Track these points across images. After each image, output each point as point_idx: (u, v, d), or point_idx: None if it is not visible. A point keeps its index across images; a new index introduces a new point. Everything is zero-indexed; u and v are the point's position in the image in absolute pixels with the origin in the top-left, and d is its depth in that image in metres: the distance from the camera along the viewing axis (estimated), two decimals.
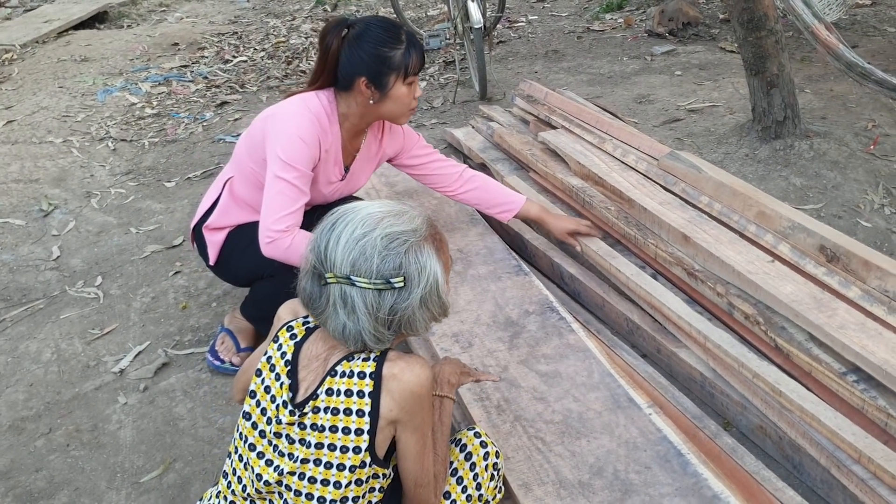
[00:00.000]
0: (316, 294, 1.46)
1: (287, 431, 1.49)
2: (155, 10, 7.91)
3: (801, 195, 3.18)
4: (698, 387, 2.24)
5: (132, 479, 2.21)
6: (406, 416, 1.46)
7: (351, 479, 1.47)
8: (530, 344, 2.27)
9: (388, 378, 1.44)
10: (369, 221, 1.43)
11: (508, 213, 2.67)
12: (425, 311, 1.47)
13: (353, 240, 1.41)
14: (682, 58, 5.10)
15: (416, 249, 1.43)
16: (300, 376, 1.51)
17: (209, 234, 2.48)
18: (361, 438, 1.45)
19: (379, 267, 1.41)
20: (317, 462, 1.47)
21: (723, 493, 1.74)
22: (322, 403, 1.46)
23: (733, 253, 2.35)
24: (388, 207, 1.48)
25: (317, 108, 2.30)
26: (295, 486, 1.49)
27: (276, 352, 1.55)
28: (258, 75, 5.64)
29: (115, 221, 3.67)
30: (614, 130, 3.20)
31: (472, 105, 4.63)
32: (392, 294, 1.42)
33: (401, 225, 1.44)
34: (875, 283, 2.16)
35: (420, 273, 1.43)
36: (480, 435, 1.73)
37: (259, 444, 1.53)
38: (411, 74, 2.27)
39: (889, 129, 3.61)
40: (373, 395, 1.44)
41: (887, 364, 1.88)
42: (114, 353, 2.73)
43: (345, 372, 1.46)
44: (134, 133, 4.74)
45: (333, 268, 1.42)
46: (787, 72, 3.35)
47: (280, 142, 2.24)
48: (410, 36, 2.28)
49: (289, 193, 2.23)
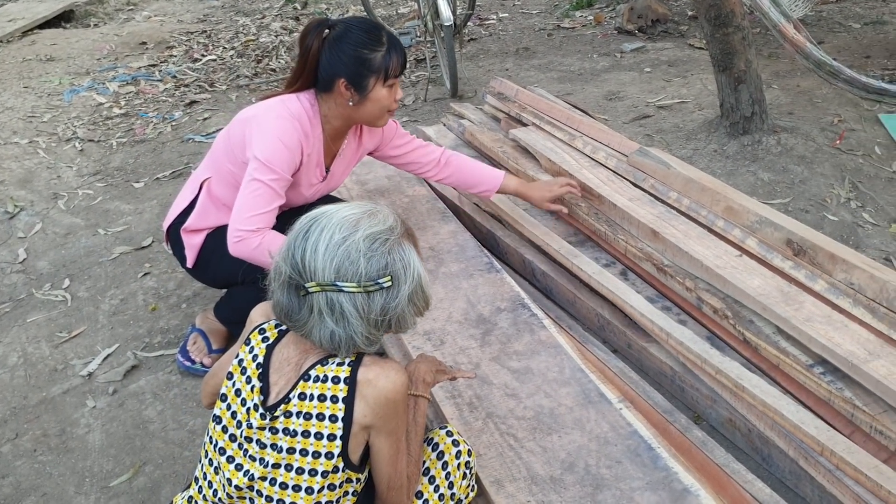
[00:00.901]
0: (294, 306, 1.43)
1: (258, 436, 1.47)
2: (122, 9, 7.83)
3: (768, 190, 3.22)
4: (669, 381, 2.25)
5: (101, 483, 2.18)
6: (380, 422, 1.45)
7: (323, 485, 1.45)
8: (502, 341, 2.27)
9: (363, 383, 1.43)
10: (346, 225, 1.41)
11: (489, 192, 2.70)
12: (413, 306, 1.47)
13: (335, 245, 1.39)
14: (652, 55, 5.14)
15: (398, 247, 1.43)
16: (272, 380, 1.49)
17: (187, 236, 2.45)
18: (334, 444, 1.43)
19: (366, 269, 1.39)
20: (288, 467, 1.45)
21: (693, 486, 1.75)
22: (294, 408, 1.45)
23: (702, 248, 2.37)
24: (359, 209, 1.46)
25: (299, 112, 2.28)
26: (266, 492, 1.47)
27: (248, 355, 1.53)
28: (228, 74, 5.59)
29: (82, 223, 3.62)
30: (584, 127, 3.21)
31: (444, 103, 4.63)
32: (381, 294, 1.41)
33: (378, 225, 1.43)
34: (841, 276, 2.19)
35: (406, 270, 1.43)
36: (452, 434, 1.73)
37: (229, 449, 1.51)
38: (391, 77, 2.26)
39: (854, 124, 3.65)
40: (346, 401, 1.43)
41: (853, 356, 1.91)
42: (82, 357, 2.70)
43: (318, 376, 1.45)
44: (101, 133, 4.69)
45: (315, 276, 1.39)
46: (754, 68, 3.38)
47: (261, 144, 2.22)
48: (392, 38, 2.27)
49: (263, 195, 2.21)
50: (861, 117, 3.72)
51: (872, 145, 3.50)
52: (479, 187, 2.70)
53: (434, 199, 3.06)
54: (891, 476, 1.73)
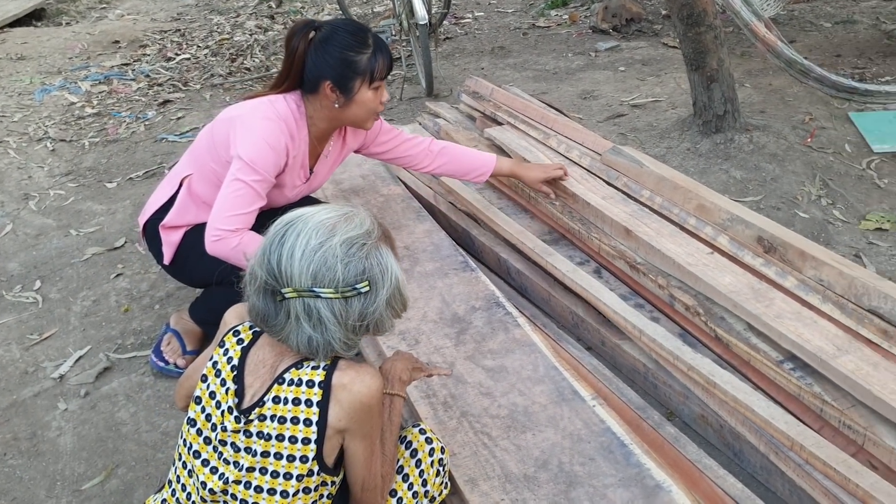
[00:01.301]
0: (271, 311, 1.41)
1: (232, 439, 1.46)
2: (95, 7, 7.75)
3: (741, 188, 3.25)
4: (642, 378, 2.27)
5: (73, 486, 2.16)
6: (355, 426, 1.44)
7: (298, 488, 1.44)
8: (477, 340, 2.28)
9: (338, 388, 1.42)
10: (323, 230, 1.39)
11: (483, 176, 2.71)
12: (391, 309, 1.46)
13: (311, 250, 1.37)
14: (626, 54, 5.17)
15: (376, 251, 1.42)
16: (246, 382, 1.48)
17: (165, 233, 2.43)
18: (308, 448, 1.42)
19: (343, 275, 1.38)
20: (262, 471, 1.44)
21: (665, 482, 1.77)
22: (268, 411, 1.43)
23: (674, 245, 2.39)
24: (335, 212, 1.44)
25: (285, 113, 2.27)
26: (241, 496, 1.46)
27: (222, 357, 1.52)
28: (202, 73, 5.55)
29: (54, 224, 3.59)
30: (559, 126, 3.23)
31: (419, 101, 4.63)
32: (359, 300, 1.40)
33: (356, 229, 1.41)
34: (811, 273, 2.22)
35: (384, 274, 1.42)
36: (426, 431, 1.73)
37: (204, 452, 1.50)
38: (377, 79, 2.26)
39: (825, 122, 3.70)
40: (321, 405, 1.42)
41: (822, 352, 1.93)
42: (53, 359, 2.67)
43: (293, 380, 1.43)
44: (74, 133, 4.64)
45: (291, 282, 1.38)
46: (726, 67, 3.41)
47: (246, 144, 2.20)
48: (378, 40, 2.26)
49: (245, 195, 2.19)
50: (832, 115, 3.76)
51: (843, 143, 3.54)
52: (474, 173, 2.70)
53: (409, 199, 3.06)
54: (859, 470, 1.75)
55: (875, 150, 3.50)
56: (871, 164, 3.41)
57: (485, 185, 3.14)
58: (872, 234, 3.01)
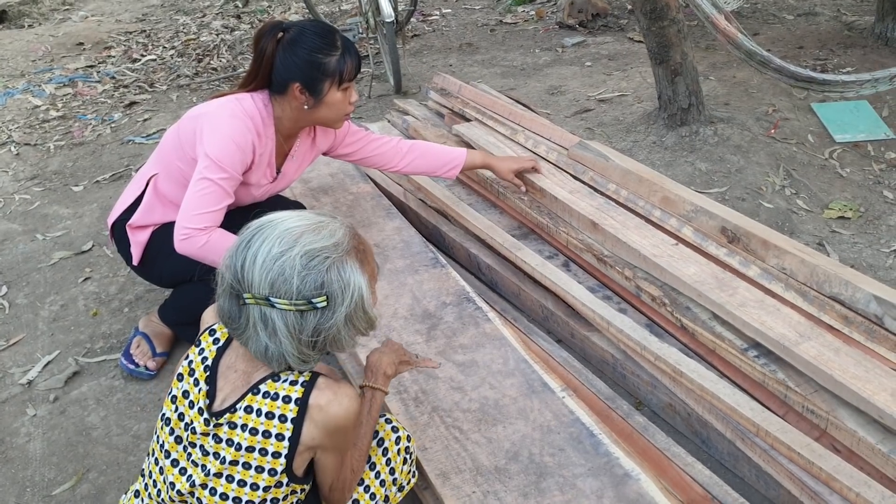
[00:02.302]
0: (235, 314, 1.39)
1: (202, 442, 1.45)
2: (58, 9, 7.64)
3: (706, 179, 3.29)
4: (611, 369, 2.30)
5: (43, 492, 2.14)
6: (329, 443, 1.43)
7: (265, 498, 1.43)
8: (447, 335, 2.29)
9: (314, 408, 1.39)
10: (287, 238, 1.35)
11: (454, 171, 2.72)
12: (350, 328, 1.40)
13: (271, 259, 1.34)
14: (592, 49, 5.21)
15: (339, 265, 1.36)
16: (218, 384, 1.46)
17: (133, 233, 2.42)
18: (278, 461, 1.41)
19: (299, 287, 1.33)
20: (229, 478, 1.43)
21: (633, 470, 1.79)
22: (240, 420, 1.41)
23: (639, 238, 2.42)
24: (307, 221, 1.40)
25: (252, 112, 2.27)
26: (206, 501, 1.44)
27: (197, 357, 1.51)
28: (168, 74, 5.51)
29: (20, 228, 3.54)
30: (526, 122, 3.25)
31: (388, 99, 4.63)
32: (315, 315, 1.35)
33: (321, 241, 1.36)
34: (773, 262, 2.26)
35: (344, 290, 1.36)
36: (392, 420, 1.75)
37: (174, 451, 1.49)
38: (346, 81, 2.26)
39: (788, 114, 3.76)
40: (295, 421, 1.39)
41: (785, 338, 1.97)
42: (21, 365, 2.64)
43: (269, 392, 1.41)
44: (38, 136, 4.58)
45: (251, 288, 1.35)
46: (690, 60, 3.45)
47: (212, 142, 2.19)
48: (346, 42, 2.27)
49: (212, 194, 2.19)
50: (794, 107, 3.82)
51: (806, 134, 3.60)
52: (445, 168, 2.71)
53: (379, 196, 3.07)
54: (822, 453, 1.79)
55: (837, 140, 3.56)
56: (834, 153, 3.47)
57: (454, 182, 3.15)
58: (835, 223, 3.06)
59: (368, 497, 1.65)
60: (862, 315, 2.04)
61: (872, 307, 2.02)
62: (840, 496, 1.73)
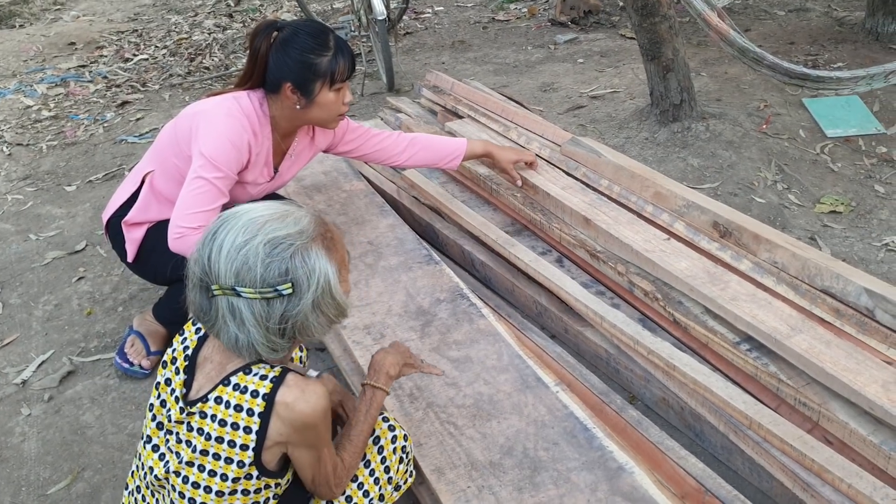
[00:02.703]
0: (205, 306, 1.40)
1: (177, 429, 1.47)
2: (49, 9, 7.62)
3: (698, 175, 3.30)
4: (604, 363, 2.31)
5: (38, 491, 2.14)
6: (297, 439, 1.43)
7: (235, 489, 1.44)
8: (441, 331, 2.30)
9: (281, 405, 1.39)
10: (250, 228, 1.36)
11: (456, 160, 2.72)
12: (319, 314, 1.40)
13: (235, 249, 1.35)
14: (584, 46, 5.22)
15: (303, 252, 1.36)
16: (196, 374, 1.48)
17: (128, 230, 2.41)
18: (246, 454, 1.41)
19: (263, 275, 1.34)
20: (200, 468, 1.43)
21: (627, 463, 1.80)
22: (210, 410, 1.42)
23: (632, 233, 2.43)
24: (271, 210, 1.41)
25: (248, 110, 2.27)
26: (178, 488, 1.46)
27: (180, 346, 1.53)
28: (160, 73, 5.50)
29: (12, 229, 3.54)
30: (519, 119, 3.26)
31: (381, 97, 4.63)
32: (281, 302, 1.36)
33: (284, 228, 1.37)
34: (765, 256, 2.27)
35: (309, 277, 1.36)
36: (388, 419, 1.75)
37: (155, 437, 1.52)
38: (338, 81, 2.26)
39: (780, 109, 3.77)
40: (262, 416, 1.39)
41: (776, 332, 1.98)
42: (15, 364, 2.64)
43: (238, 385, 1.41)
44: (30, 137, 4.57)
45: (218, 279, 1.36)
46: (681, 56, 3.47)
47: (208, 141, 2.20)
48: (340, 42, 2.26)
49: (207, 193, 2.19)
50: (786, 102, 3.84)
51: (797, 129, 3.62)
52: (447, 158, 2.71)
53: (372, 194, 3.07)
54: (815, 445, 1.80)
55: (828, 135, 3.58)
56: (825, 148, 3.49)
57: (447, 179, 3.16)
58: (827, 217, 3.08)
59: (362, 494, 1.65)
60: (853, 308, 2.05)
61: (863, 300, 2.03)
62: (832, 487, 1.74)
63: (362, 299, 2.44)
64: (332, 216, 2.89)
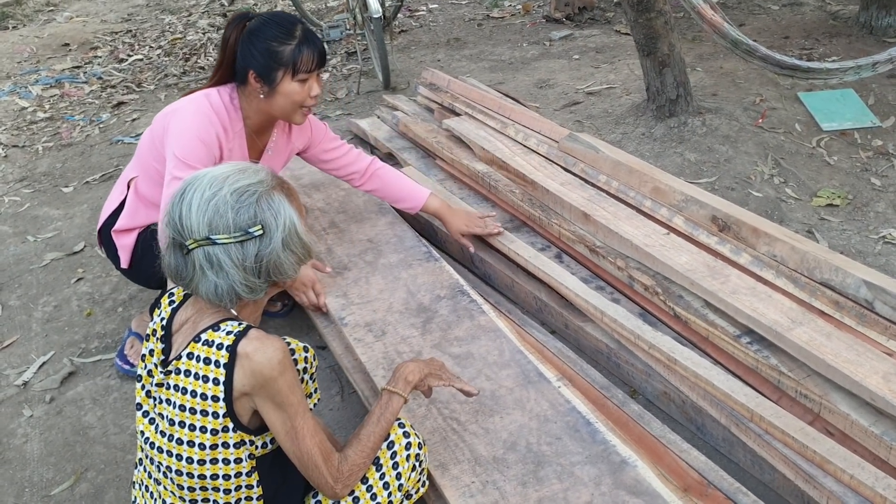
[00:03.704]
0: (181, 265, 1.50)
1: (160, 392, 1.55)
2: (42, 10, 7.60)
3: (695, 170, 3.31)
4: (605, 358, 2.32)
5: (42, 492, 2.15)
6: (260, 392, 1.49)
7: (216, 442, 1.50)
8: (442, 328, 2.30)
9: (241, 356, 1.48)
10: (216, 182, 1.48)
11: (413, 209, 2.69)
12: (290, 253, 1.51)
13: (205, 201, 1.46)
14: (580, 42, 5.22)
15: (267, 197, 1.49)
16: (174, 340, 1.57)
17: (118, 237, 2.42)
18: (218, 405, 1.48)
19: (235, 220, 1.46)
20: (181, 424, 1.51)
21: (630, 457, 1.81)
22: (183, 366, 1.51)
23: (631, 228, 2.44)
24: (230, 167, 1.53)
25: (218, 106, 2.28)
26: (166, 447, 1.53)
27: (158, 318, 1.62)
28: (155, 74, 5.49)
29: (10, 230, 3.53)
30: (516, 115, 3.26)
31: (377, 95, 4.63)
32: (254, 243, 1.47)
33: (246, 179, 1.49)
34: (764, 249, 2.28)
35: (276, 218, 1.49)
36: (405, 426, 1.73)
37: (145, 404, 1.61)
38: (301, 71, 2.24)
39: (776, 103, 3.78)
40: (227, 367, 1.47)
41: (777, 325, 1.99)
42: (16, 366, 2.64)
43: (207, 340, 1.50)
44: (26, 138, 4.56)
45: (192, 233, 1.46)
46: (677, 51, 3.47)
47: (178, 140, 2.21)
48: (307, 33, 2.25)
49: None
50: (781, 96, 3.85)
51: (793, 123, 3.63)
52: (404, 203, 2.69)
53: None
54: (816, 437, 1.81)
55: (824, 129, 3.59)
56: (821, 142, 3.50)
57: (446, 176, 3.16)
58: (824, 210, 3.09)
59: (370, 497, 1.65)
60: (853, 300, 2.06)
61: (863, 292, 2.04)
62: (834, 478, 1.75)
63: (363, 297, 2.44)
64: (330, 214, 2.89)
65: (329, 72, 5.16)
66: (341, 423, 2.27)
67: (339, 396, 2.37)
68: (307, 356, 1.78)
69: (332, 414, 2.31)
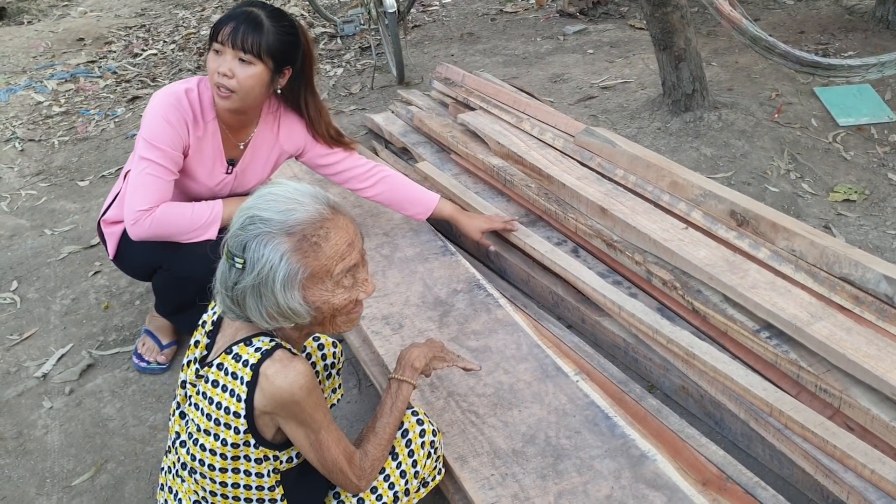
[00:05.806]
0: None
1: (191, 392, 1.55)
2: (56, 5, 7.63)
3: (711, 164, 3.30)
4: (622, 353, 2.32)
5: (63, 483, 2.16)
6: (281, 412, 1.46)
7: (237, 454, 1.49)
8: (460, 322, 2.31)
9: (263, 377, 1.44)
10: (263, 201, 1.44)
11: (422, 215, 2.61)
12: (259, 300, 1.43)
13: (245, 208, 1.45)
14: (594, 36, 5.21)
15: (266, 240, 1.40)
16: (218, 338, 1.56)
17: (107, 227, 2.42)
18: (239, 421, 1.46)
19: (231, 243, 1.44)
20: (206, 432, 1.50)
21: (650, 451, 1.81)
22: (212, 375, 1.49)
23: (649, 222, 2.43)
24: (289, 194, 1.45)
25: (193, 94, 2.24)
26: (191, 450, 1.52)
27: (211, 310, 1.61)
28: (170, 68, 5.51)
29: (27, 224, 3.56)
30: (531, 110, 3.26)
31: (391, 90, 4.63)
32: (234, 272, 1.43)
33: (274, 213, 1.42)
34: (783, 244, 2.27)
35: (257, 263, 1.40)
36: (418, 413, 1.74)
37: (183, 404, 1.60)
38: (216, 41, 2.14)
39: (792, 98, 3.77)
40: (249, 385, 1.45)
41: (796, 319, 1.99)
42: (35, 358, 2.66)
43: (238, 355, 1.47)
44: (42, 132, 4.59)
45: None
46: (693, 46, 3.46)
47: (145, 122, 2.20)
48: (245, 11, 2.15)
49: (152, 172, 2.19)
50: (797, 91, 3.83)
51: (809, 118, 3.61)
52: (413, 209, 2.61)
53: None
54: (836, 431, 1.81)
55: (840, 124, 3.58)
56: (837, 137, 3.49)
57: (461, 171, 3.16)
58: (840, 206, 3.08)
59: (388, 486, 1.66)
60: (872, 295, 2.06)
61: (883, 287, 2.04)
62: (854, 473, 1.74)
63: (380, 290, 2.45)
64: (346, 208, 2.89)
65: (342, 67, 5.16)
66: (359, 415, 2.28)
67: (356, 389, 2.38)
68: (335, 351, 1.78)
69: (350, 406, 2.31)
